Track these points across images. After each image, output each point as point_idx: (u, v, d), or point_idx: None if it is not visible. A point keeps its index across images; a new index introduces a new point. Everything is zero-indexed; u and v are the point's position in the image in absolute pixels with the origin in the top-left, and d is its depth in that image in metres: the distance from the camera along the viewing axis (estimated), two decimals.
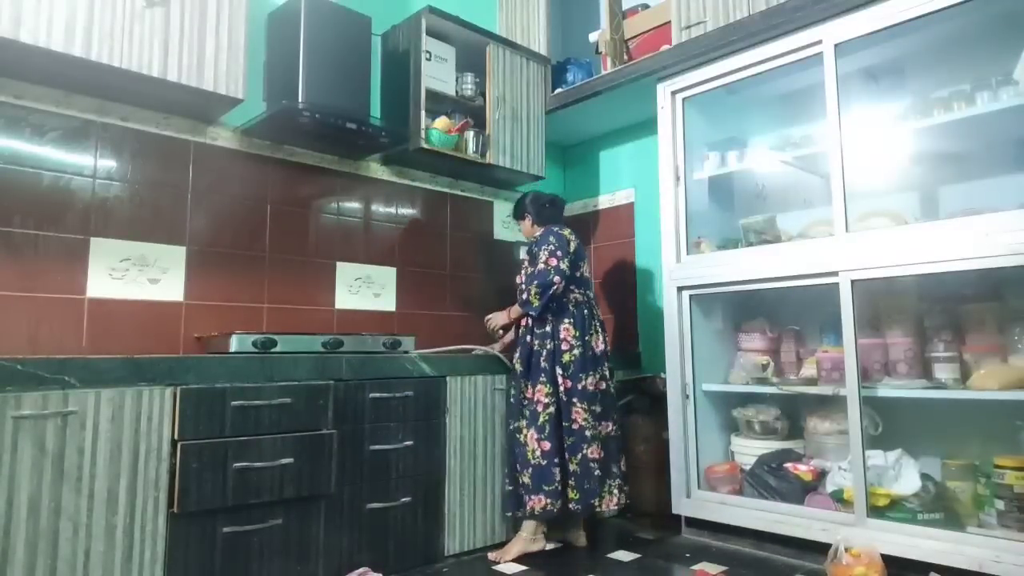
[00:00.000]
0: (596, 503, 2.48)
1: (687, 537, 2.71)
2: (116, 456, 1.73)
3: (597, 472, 2.48)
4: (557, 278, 2.51)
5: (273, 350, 2.17)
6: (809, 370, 2.70)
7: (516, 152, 3.15)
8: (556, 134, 3.58)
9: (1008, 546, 1.97)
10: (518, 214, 2.87)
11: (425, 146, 2.79)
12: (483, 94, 3.09)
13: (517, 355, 2.61)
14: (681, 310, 2.82)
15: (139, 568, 1.74)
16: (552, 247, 2.56)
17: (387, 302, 3.00)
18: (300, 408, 2.06)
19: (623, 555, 2.52)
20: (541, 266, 2.54)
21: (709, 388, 2.83)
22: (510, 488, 2.55)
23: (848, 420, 2.31)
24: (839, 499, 2.34)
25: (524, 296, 2.57)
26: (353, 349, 2.37)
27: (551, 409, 2.49)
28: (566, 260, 2.54)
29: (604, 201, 3.68)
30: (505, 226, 3.52)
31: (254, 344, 2.15)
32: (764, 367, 2.77)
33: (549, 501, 2.42)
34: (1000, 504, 2.07)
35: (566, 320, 2.56)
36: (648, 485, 2.94)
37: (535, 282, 2.53)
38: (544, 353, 2.54)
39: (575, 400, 2.50)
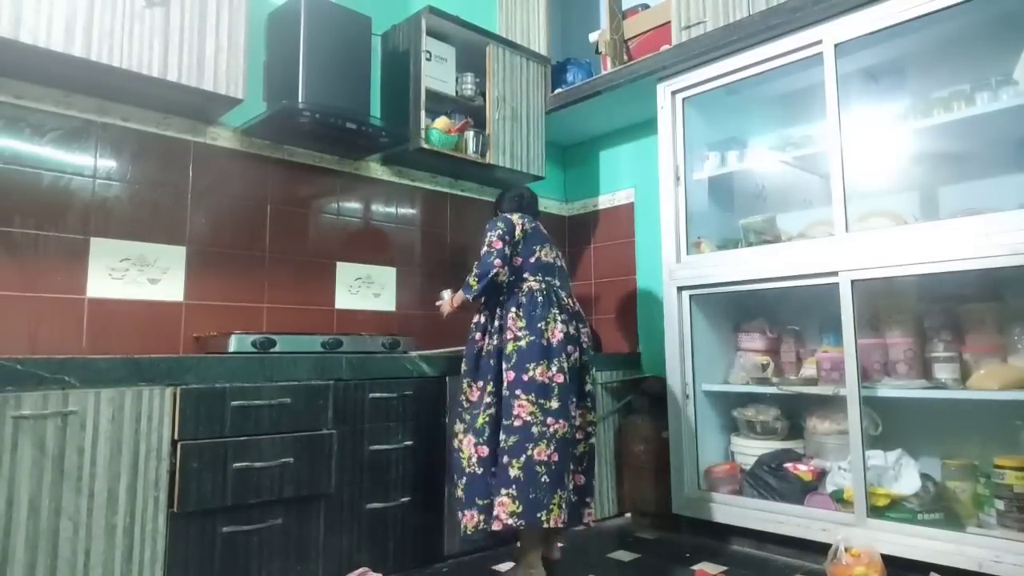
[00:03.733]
0: (543, 517, 2.06)
1: (687, 537, 2.71)
2: (116, 456, 1.73)
3: (545, 479, 2.09)
4: (498, 261, 2.25)
5: (273, 350, 2.17)
6: (809, 370, 2.70)
7: (516, 152, 3.15)
8: (556, 134, 3.58)
9: (1008, 546, 1.97)
10: (494, 209, 2.63)
11: (425, 146, 2.79)
12: (483, 94, 3.09)
13: (464, 353, 2.37)
14: (681, 310, 2.82)
15: (139, 568, 1.74)
16: (498, 231, 2.32)
17: (387, 302, 3.00)
18: (300, 408, 2.06)
19: (623, 555, 2.52)
20: (484, 249, 2.31)
21: (709, 388, 2.83)
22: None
23: (848, 420, 2.31)
24: (839, 499, 2.34)
25: (467, 280, 2.32)
26: (353, 349, 2.37)
27: (492, 410, 2.20)
28: (510, 246, 2.31)
29: (604, 201, 3.68)
30: None
31: (253, 344, 2.15)
32: (764, 367, 2.77)
33: (482, 517, 2.11)
34: (1000, 504, 2.07)
35: (512, 309, 2.27)
36: (648, 485, 2.93)
37: (475, 265, 2.31)
38: (491, 348, 2.28)
39: (518, 392, 2.15)
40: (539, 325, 2.23)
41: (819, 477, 2.50)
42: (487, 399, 2.21)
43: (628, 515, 3.03)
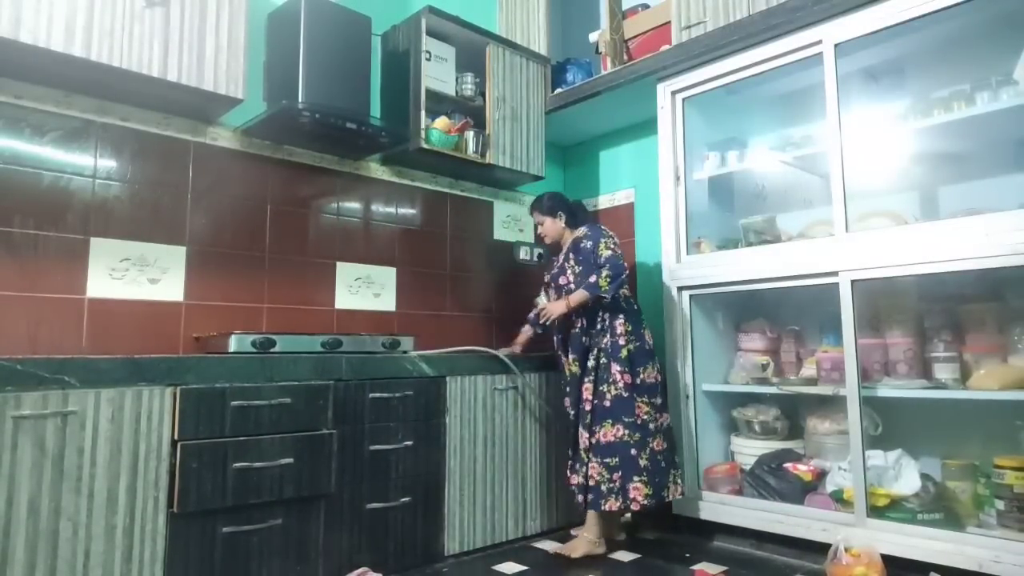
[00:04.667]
0: (666, 495, 2.50)
1: (687, 537, 2.71)
2: (116, 456, 1.73)
3: (663, 464, 2.50)
4: (626, 264, 2.58)
5: (272, 350, 2.17)
6: (809, 370, 2.70)
7: (516, 152, 3.15)
8: (556, 134, 3.58)
9: (1008, 546, 1.97)
10: (547, 211, 2.82)
11: (425, 146, 2.78)
12: (483, 94, 3.09)
13: (571, 356, 2.63)
14: (681, 310, 2.82)
15: (139, 568, 1.74)
16: (613, 240, 2.65)
17: (387, 302, 3.00)
18: (300, 408, 2.06)
19: (623, 555, 2.52)
20: (609, 253, 2.57)
21: (709, 388, 2.83)
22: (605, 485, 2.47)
23: (848, 420, 2.31)
24: (839, 499, 2.34)
25: (592, 279, 2.54)
26: (353, 349, 2.37)
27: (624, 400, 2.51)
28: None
29: (604, 201, 3.67)
30: (505, 226, 3.52)
31: (253, 344, 2.15)
32: (764, 367, 2.77)
33: (612, 500, 2.44)
34: (1000, 504, 2.07)
35: (620, 315, 2.58)
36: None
37: (608, 265, 2.53)
38: (606, 350, 2.55)
39: (635, 394, 2.50)
40: (640, 330, 2.61)
41: (819, 477, 2.50)
42: (623, 393, 2.50)
43: (628, 515, 3.02)
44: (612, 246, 2.61)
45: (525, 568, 2.36)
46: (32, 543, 1.59)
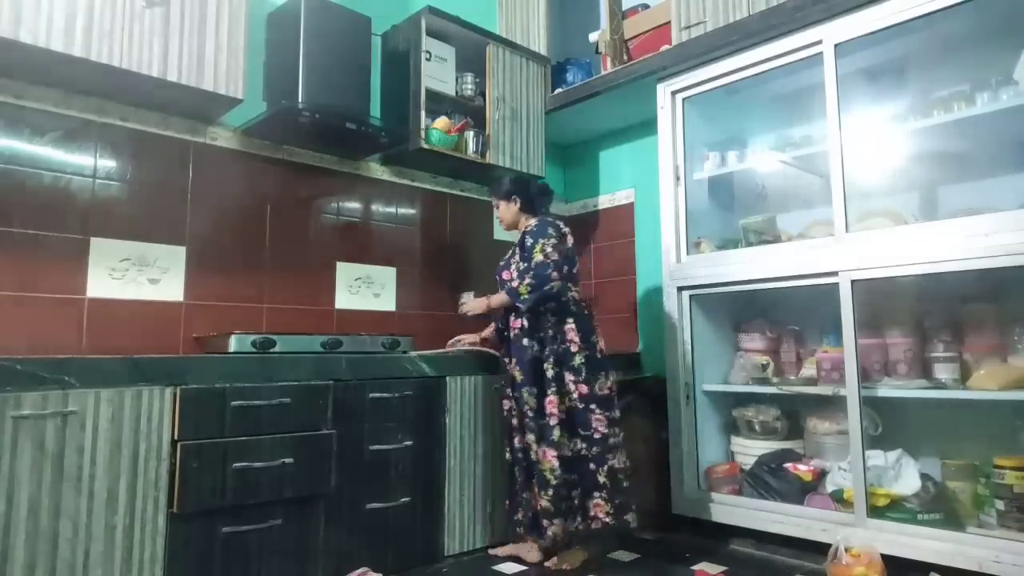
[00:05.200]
0: (628, 517, 2.34)
1: (687, 537, 2.71)
2: (116, 456, 1.73)
3: (626, 484, 2.36)
4: (555, 274, 2.31)
5: (272, 350, 2.17)
6: (809, 370, 2.70)
7: (516, 152, 3.15)
8: (556, 134, 3.58)
9: (1008, 546, 1.97)
10: (503, 194, 2.58)
11: (425, 146, 2.79)
12: (483, 94, 3.09)
13: (514, 362, 2.38)
14: (681, 310, 2.82)
15: (139, 568, 1.74)
16: (553, 240, 2.37)
17: (387, 302, 3.00)
18: (300, 408, 2.06)
19: (623, 555, 2.52)
20: (540, 258, 2.34)
21: (709, 388, 2.83)
22: (521, 515, 2.37)
23: (848, 420, 2.31)
24: (839, 499, 2.34)
25: (515, 284, 2.36)
26: (353, 349, 2.37)
27: (563, 417, 2.30)
28: (564, 257, 2.39)
29: (604, 201, 3.67)
30: None
31: (253, 344, 2.15)
32: (764, 367, 2.77)
33: (565, 523, 2.26)
34: (1000, 504, 2.07)
35: (569, 320, 2.37)
36: (648, 485, 2.93)
37: (531, 273, 2.33)
38: (551, 358, 2.33)
39: (593, 406, 2.32)
40: (591, 338, 2.40)
41: (819, 477, 2.50)
42: (556, 411, 2.29)
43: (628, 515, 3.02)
44: (547, 250, 2.34)
45: (525, 568, 2.36)
46: (32, 543, 1.59)
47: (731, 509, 2.59)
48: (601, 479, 2.29)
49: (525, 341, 2.36)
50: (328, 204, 2.85)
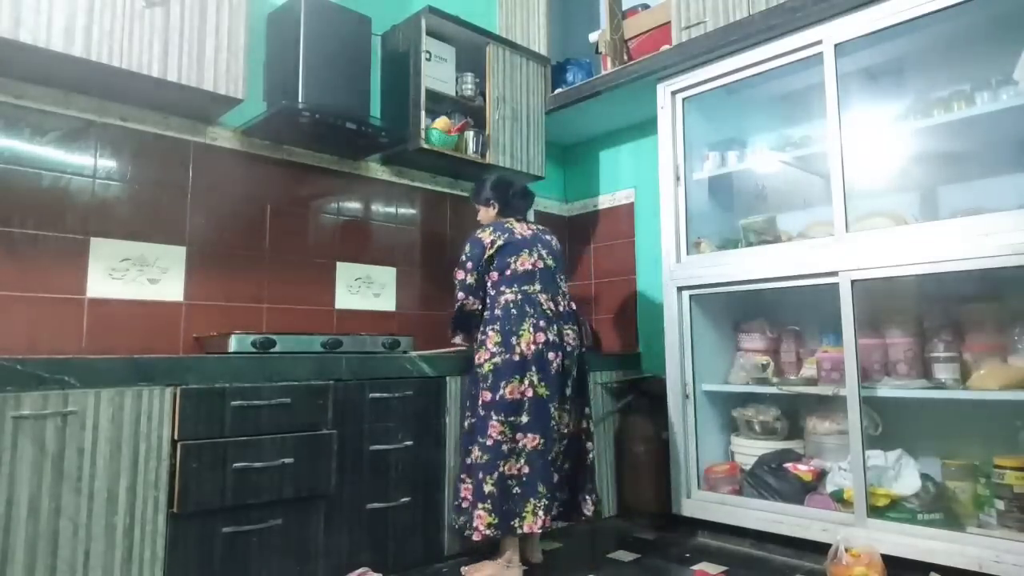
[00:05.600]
0: (516, 524, 2.19)
1: (687, 537, 2.71)
2: (116, 456, 1.72)
3: (517, 490, 2.22)
4: (460, 295, 2.42)
5: (272, 350, 2.17)
6: (809, 370, 2.70)
7: (516, 152, 3.15)
8: (556, 134, 3.58)
9: (1008, 546, 1.97)
10: (481, 200, 2.59)
11: (425, 146, 2.79)
12: (483, 94, 3.09)
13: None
14: (681, 310, 2.82)
15: (139, 568, 1.74)
16: (463, 256, 2.44)
17: (387, 302, 3.00)
18: (300, 408, 2.06)
19: (623, 555, 2.52)
20: (457, 279, 2.44)
21: (709, 388, 2.83)
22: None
23: (848, 420, 2.31)
24: (839, 499, 2.34)
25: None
26: (353, 349, 2.37)
27: (466, 429, 2.38)
28: (475, 273, 2.40)
29: (604, 201, 3.67)
30: None
31: (253, 344, 2.15)
32: (764, 367, 2.77)
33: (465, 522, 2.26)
34: (1000, 504, 2.07)
35: (491, 327, 2.34)
36: (648, 485, 2.93)
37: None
38: (475, 366, 2.38)
39: (491, 412, 2.25)
40: (512, 340, 2.28)
41: (819, 477, 2.50)
42: (469, 415, 2.35)
43: (628, 515, 3.02)
44: (458, 268, 2.44)
45: (524, 568, 2.36)
46: (32, 543, 1.58)
47: (731, 509, 2.59)
48: (487, 488, 2.20)
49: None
50: (328, 204, 2.85)
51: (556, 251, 2.54)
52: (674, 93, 2.92)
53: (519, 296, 2.35)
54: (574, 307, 2.52)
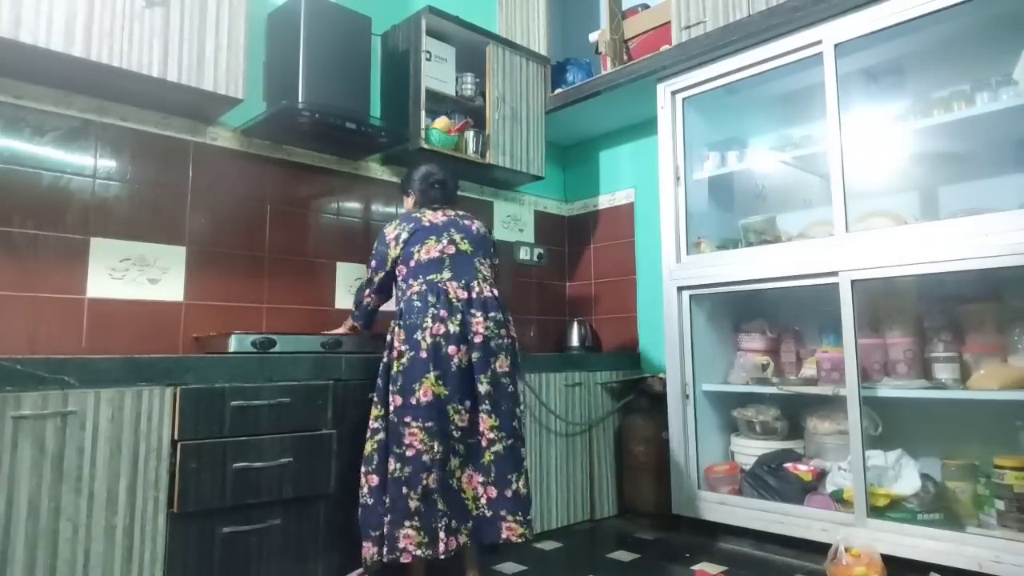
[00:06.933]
0: (443, 546, 1.96)
1: (687, 537, 2.71)
2: (116, 456, 1.72)
3: (440, 506, 1.98)
4: (366, 291, 2.35)
5: (272, 350, 2.16)
6: (809, 370, 2.70)
7: (516, 152, 3.15)
8: (556, 134, 3.58)
9: (1008, 546, 1.97)
10: (402, 188, 2.48)
11: (425, 146, 2.78)
12: (483, 94, 3.09)
13: None
14: (681, 310, 2.82)
15: (139, 568, 1.74)
16: (372, 260, 2.30)
17: (387, 302, 2.99)
18: (299, 408, 2.06)
19: (623, 555, 2.52)
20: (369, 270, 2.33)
21: (709, 388, 2.83)
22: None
23: (848, 420, 2.31)
24: (839, 499, 2.34)
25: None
26: (353, 349, 2.37)
27: (380, 435, 2.05)
28: (380, 272, 2.26)
29: (604, 201, 3.68)
30: (505, 226, 3.52)
31: (253, 344, 2.14)
32: (764, 367, 2.77)
33: (375, 550, 1.98)
34: (1000, 504, 2.07)
35: (397, 323, 2.11)
36: (648, 485, 2.94)
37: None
38: (381, 368, 2.12)
39: (408, 419, 1.99)
40: (415, 336, 2.03)
41: (819, 477, 2.50)
42: (375, 425, 2.07)
43: (628, 515, 3.03)
44: (370, 258, 2.32)
45: (525, 568, 2.36)
46: (32, 543, 1.58)
47: (731, 509, 2.60)
48: (413, 504, 1.94)
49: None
50: (328, 204, 2.85)
51: (475, 235, 2.25)
52: (674, 93, 2.92)
53: (423, 287, 2.11)
54: (496, 293, 2.18)
